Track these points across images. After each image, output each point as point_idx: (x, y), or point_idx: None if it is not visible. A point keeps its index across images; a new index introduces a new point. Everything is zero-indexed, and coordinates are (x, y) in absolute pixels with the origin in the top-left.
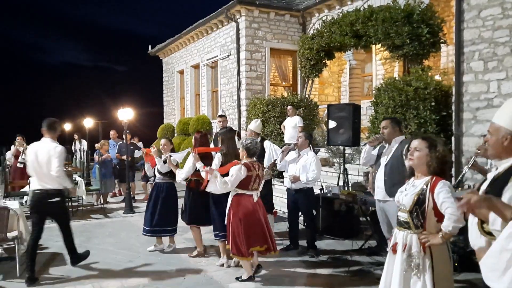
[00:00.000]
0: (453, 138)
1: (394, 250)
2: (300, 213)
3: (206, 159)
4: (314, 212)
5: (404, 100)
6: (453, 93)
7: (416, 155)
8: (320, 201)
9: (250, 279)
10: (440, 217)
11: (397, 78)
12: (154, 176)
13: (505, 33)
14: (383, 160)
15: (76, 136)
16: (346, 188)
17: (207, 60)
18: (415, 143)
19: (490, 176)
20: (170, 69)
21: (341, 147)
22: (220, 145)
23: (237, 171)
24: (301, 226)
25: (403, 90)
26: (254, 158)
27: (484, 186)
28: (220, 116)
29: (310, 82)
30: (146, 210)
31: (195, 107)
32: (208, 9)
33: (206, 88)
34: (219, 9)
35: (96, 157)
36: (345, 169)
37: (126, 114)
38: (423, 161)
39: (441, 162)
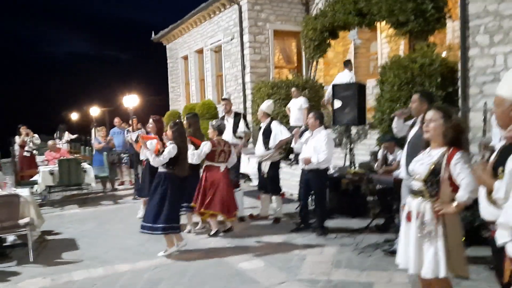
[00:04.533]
0: (459, 114)
1: (409, 218)
2: (311, 193)
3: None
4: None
5: (410, 77)
6: (459, 68)
7: (432, 126)
8: (327, 182)
9: (217, 232)
10: (454, 187)
11: (402, 56)
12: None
13: (511, 5)
14: (408, 137)
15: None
16: (353, 168)
17: (211, 44)
18: (430, 114)
19: (498, 146)
20: (174, 55)
21: (348, 127)
22: (189, 128)
23: (203, 146)
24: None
25: (408, 67)
26: (222, 136)
27: (493, 157)
28: (224, 99)
29: (314, 63)
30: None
31: (200, 92)
32: None
33: (210, 73)
34: None
35: (95, 143)
36: (351, 149)
37: (131, 100)
38: (439, 132)
39: (456, 131)
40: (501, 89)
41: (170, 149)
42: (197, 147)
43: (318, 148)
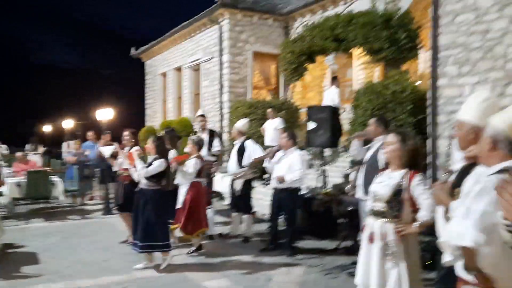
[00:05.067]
0: (428, 141)
1: (371, 239)
2: (282, 214)
3: None
4: (297, 213)
5: (382, 103)
6: (429, 96)
7: (390, 148)
8: (300, 202)
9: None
10: (414, 208)
11: (375, 82)
12: None
13: (478, 38)
14: (365, 159)
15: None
16: (324, 189)
17: (190, 62)
18: (389, 138)
19: (458, 166)
20: (153, 72)
21: (321, 149)
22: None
23: (194, 163)
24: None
25: (381, 93)
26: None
27: (452, 177)
28: (200, 116)
29: (291, 85)
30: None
31: (177, 109)
32: (192, 12)
33: (188, 90)
34: (203, 12)
35: (67, 156)
36: (323, 170)
37: (105, 114)
38: (396, 154)
39: (413, 154)
40: (461, 114)
41: (160, 163)
42: (179, 163)
43: (292, 167)
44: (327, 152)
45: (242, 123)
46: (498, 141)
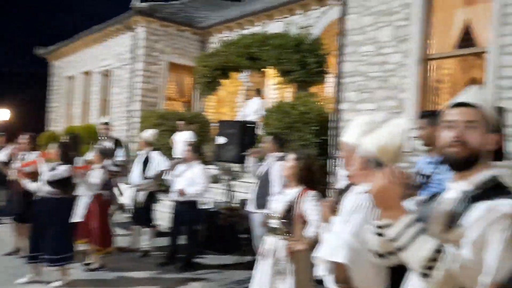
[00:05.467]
0: (329, 161)
1: (264, 255)
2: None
3: None
4: (198, 227)
5: (290, 122)
6: (331, 119)
7: (287, 167)
8: (203, 216)
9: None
10: (306, 225)
11: (284, 102)
12: None
13: (377, 68)
14: (258, 174)
15: None
16: (230, 204)
17: (101, 67)
18: (288, 157)
19: (343, 185)
20: (59, 74)
21: (230, 164)
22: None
23: (101, 174)
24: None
25: (289, 113)
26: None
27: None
28: (104, 123)
29: (205, 99)
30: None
31: (83, 115)
32: (106, 16)
33: (97, 96)
34: (117, 17)
35: None
36: (230, 185)
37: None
38: (292, 172)
39: (307, 173)
40: (344, 136)
41: (66, 168)
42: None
43: (194, 180)
44: (236, 167)
45: (149, 133)
46: (369, 162)
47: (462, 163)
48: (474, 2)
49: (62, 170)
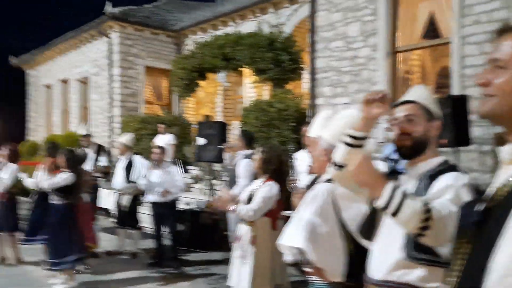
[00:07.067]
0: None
1: (236, 240)
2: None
3: None
4: (180, 227)
5: (268, 120)
6: (308, 114)
7: (255, 159)
8: (186, 215)
9: None
10: (266, 213)
11: (261, 100)
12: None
13: (348, 63)
14: (229, 169)
15: None
16: (212, 203)
17: (77, 74)
18: (256, 151)
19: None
20: (36, 83)
21: (210, 164)
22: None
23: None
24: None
25: (266, 110)
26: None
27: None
28: (85, 135)
29: (184, 101)
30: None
31: (63, 123)
32: (80, 20)
33: (76, 104)
34: (90, 22)
35: None
36: (211, 184)
37: None
38: (259, 164)
39: (269, 164)
40: (310, 131)
41: (68, 176)
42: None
43: (172, 178)
44: (217, 166)
45: (126, 138)
46: (330, 152)
47: (409, 152)
48: None
49: (63, 178)
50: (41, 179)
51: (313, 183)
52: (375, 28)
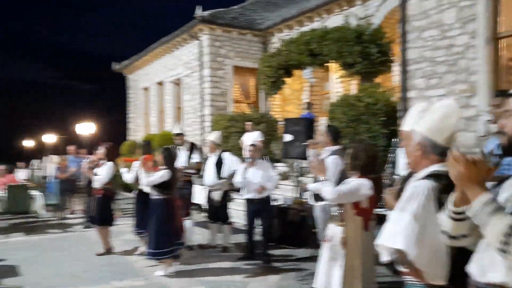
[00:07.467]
0: (396, 151)
1: (326, 241)
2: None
3: None
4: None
5: (356, 115)
6: (399, 108)
7: (347, 156)
8: (275, 212)
9: None
10: (357, 210)
11: (349, 95)
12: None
13: (443, 52)
14: None
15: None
16: (299, 199)
17: (171, 77)
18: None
19: (404, 173)
20: (135, 86)
21: (297, 160)
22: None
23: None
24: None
25: (354, 105)
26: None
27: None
28: (178, 134)
29: (270, 98)
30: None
31: (159, 123)
32: (173, 26)
33: (170, 104)
34: (182, 27)
35: (57, 173)
36: (299, 181)
37: (86, 128)
38: (349, 161)
39: (354, 160)
40: (404, 124)
41: (164, 173)
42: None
43: (267, 174)
44: (304, 163)
45: (215, 135)
46: (426, 146)
47: None
48: None
49: (161, 175)
50: (140, 176)
51: (408, 179)
52: (474, 13)
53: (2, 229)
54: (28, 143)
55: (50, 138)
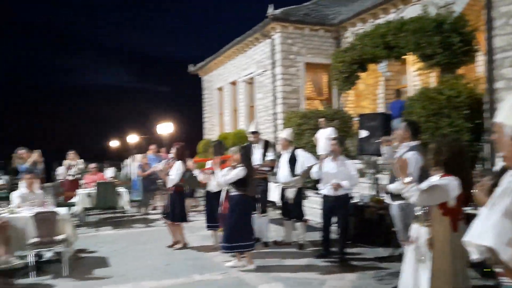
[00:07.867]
0: (486, 146)
1: (410, 242)
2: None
3: None
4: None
5: (437, 109)
6: (485, 100)
7: (429, 154)
8: (351, 209)
9: None
10: (445, 210)
11: (429, 88)
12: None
13: None
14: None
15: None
16: (377, 197)
17: (244, 76)
18: (430, 146)
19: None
20: (210, 87)
21: (373, 157)
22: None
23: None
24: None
25: (435, 99)
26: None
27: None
28: (253, 132)
29: (344, 94)
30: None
31: (233, 122)
32: (245, 27)
33: (243, 103)
34: (254, 27)
35: (139, 171)
36: (376, 178)
37: (165, 128)
38: (432, 159)
39: (437, 155)
40: (497, 116)
41: (238, 171)
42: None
43: (346, 172)
44: (380, 160)
45: (287, 133)
46: None
47: None
48: None
49: (236, 173)
50: (217, 175)
51: (501, 174)
52: None
53: (93, 223)
54: (114, 143)
55: (133, 139)
